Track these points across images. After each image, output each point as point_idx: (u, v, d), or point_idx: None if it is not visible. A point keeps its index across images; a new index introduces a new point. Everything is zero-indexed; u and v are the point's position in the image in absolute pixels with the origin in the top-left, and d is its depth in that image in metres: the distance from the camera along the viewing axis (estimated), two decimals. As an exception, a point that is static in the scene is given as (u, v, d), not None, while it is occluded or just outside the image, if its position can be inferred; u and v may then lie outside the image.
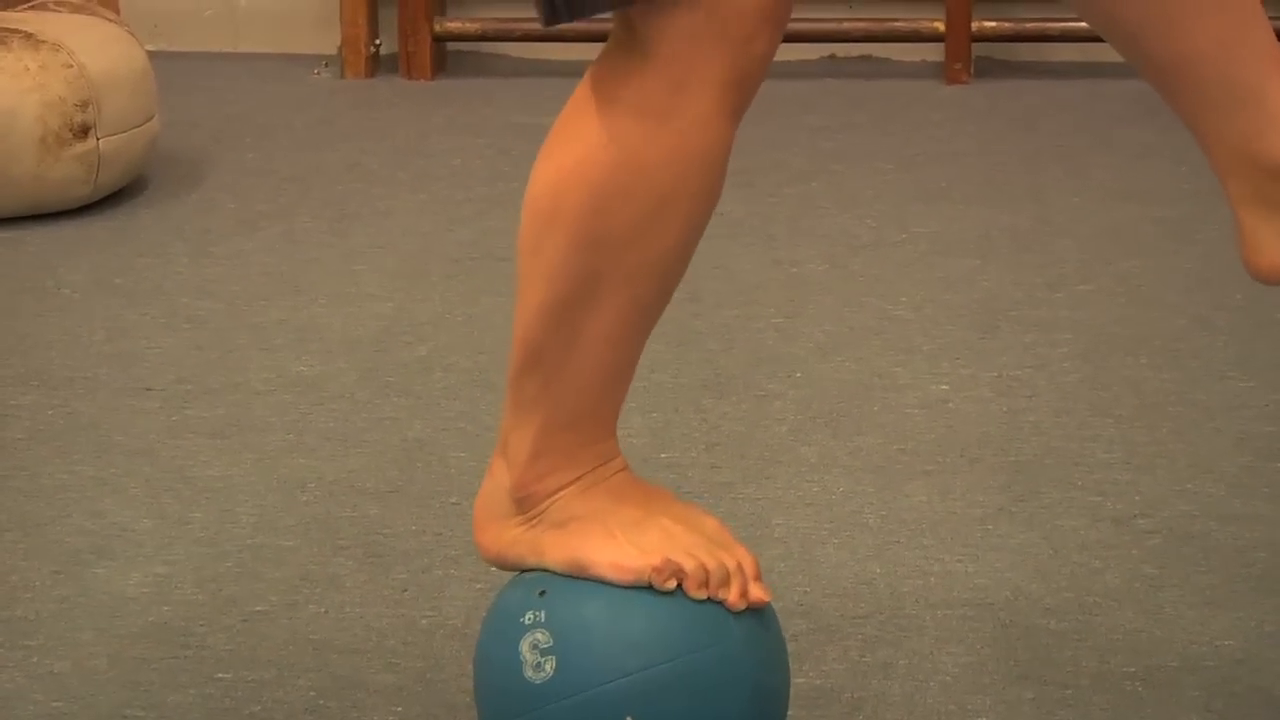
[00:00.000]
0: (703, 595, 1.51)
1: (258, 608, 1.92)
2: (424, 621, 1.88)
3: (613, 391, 1.55)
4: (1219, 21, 1.48)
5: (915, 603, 1.91)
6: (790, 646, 1.60)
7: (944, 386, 2.45)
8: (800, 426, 2.34)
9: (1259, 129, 1.50)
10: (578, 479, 1.55)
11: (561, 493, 1.55)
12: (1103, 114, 3.80)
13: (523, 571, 1.58)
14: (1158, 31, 1.49)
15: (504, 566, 1.59)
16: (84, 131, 3.14)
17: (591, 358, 1.52)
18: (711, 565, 1.51)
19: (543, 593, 1.53)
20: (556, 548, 1.54)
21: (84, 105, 3.13)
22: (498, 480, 1.58)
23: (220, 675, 1.79)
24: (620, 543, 1.52)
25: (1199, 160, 3.43)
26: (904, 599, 1.92)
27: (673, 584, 1.50)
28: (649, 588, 1.50)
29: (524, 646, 1.51)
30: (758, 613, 1.54)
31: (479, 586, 1.93)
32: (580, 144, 1.48)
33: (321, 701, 1.75)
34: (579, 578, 1.53)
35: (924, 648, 1.83)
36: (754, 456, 2.26)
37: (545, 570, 1.55)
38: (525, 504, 1.56)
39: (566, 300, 1.49)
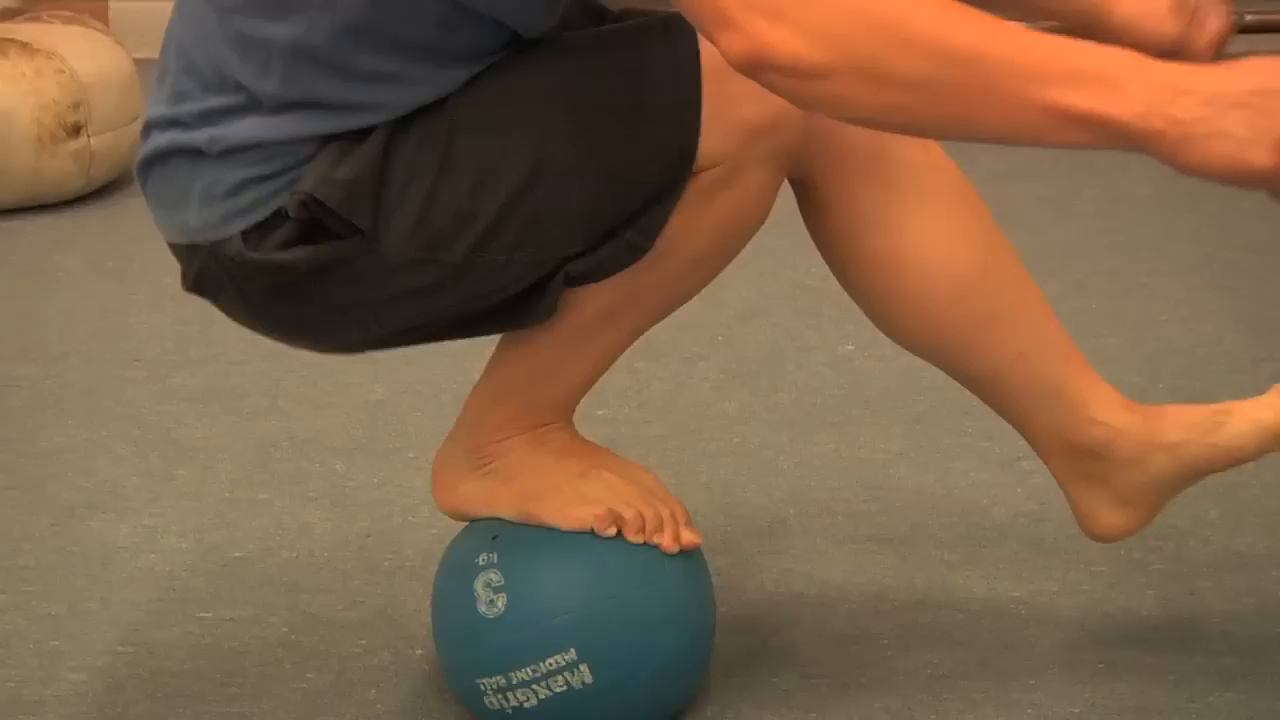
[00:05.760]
0: (640, 540, 1.51)
1: (236, 554, 1.90)
2: (385, 564, 1.88)
3: (589, 387, 1.54)
4: (1013, 337, 1.54)
5: (824, 539, 1.91)
6: (714, 580, 1.60)
7: (850, 346, 2.45)
8: (722, 385, 2.34)
9: (1066, 419, 1.56)
10: (528, 439, 1.55)
11: (514, 453, 1.54)
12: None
13: (476, 520, 1.57)
14: (963, 352, 1.55)
15: (460, 517, 1.59)
16: (76, 130, 3.11)
17: (589, 365, 1.51)
18: (648, 514, 1.51)
19: (495, 537, 1.52)
20: (508, 499, 1.54)
21: (76, 106, 3.10)
22: (457, 440, 1.57)
23: (202, 614, 1.78)
24: (566, 494, 1.52)
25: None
26: (815, 536, 1.92)
27: (613, 531, 1.50)
28: (591, 533, 1.50)
29: (478, 584, 1.50)
30: (688, 556, 1.53)
31: (434, 532, 1.92)
32: None
33: (293, 637, 1.74)
34: (528, 524, 1.52)
35: (832, 579, 1.83)
36: (681, 412, 2.25)
37: (497, 519, 1.54)
38: (481, 460, 1.55)
39: (585, 327, 1.48)
